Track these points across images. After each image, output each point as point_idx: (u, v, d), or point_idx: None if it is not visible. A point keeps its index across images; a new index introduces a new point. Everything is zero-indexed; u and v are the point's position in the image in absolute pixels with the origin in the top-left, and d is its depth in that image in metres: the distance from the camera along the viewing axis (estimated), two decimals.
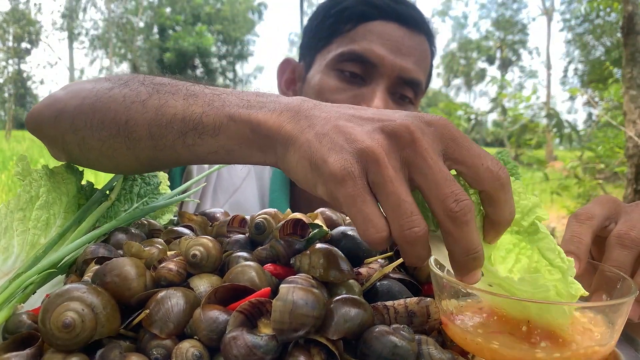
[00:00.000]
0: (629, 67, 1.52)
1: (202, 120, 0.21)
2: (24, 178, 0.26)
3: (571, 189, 2.37)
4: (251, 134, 0.19)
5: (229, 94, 0.21)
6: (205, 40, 10.70)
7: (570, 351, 0.16)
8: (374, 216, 0.16)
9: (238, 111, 0.20)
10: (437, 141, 0.16)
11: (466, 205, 0.16)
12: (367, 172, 0.16)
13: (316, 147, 0.17)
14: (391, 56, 0.41)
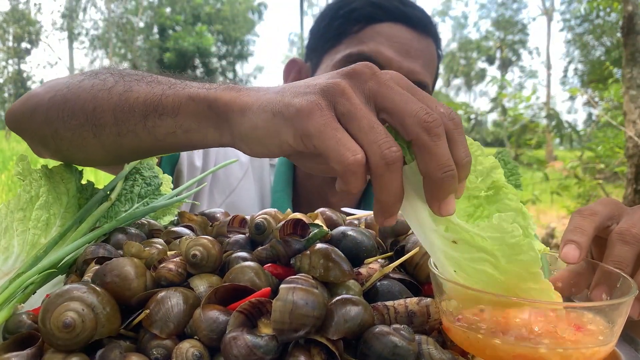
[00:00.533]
0: (629, 67, 1.52)
1: (162, 101, 0.21)
2: (24, 178, 0.26)
3: (571, 189, 2.38)
4: (208, 111, 0.20)
5: (194, 82, 0.22)
6: (205, 40, 10.70)
7: (572, 348, 0.16)
8: (347, 140, 0.16)
9: (197, 91, 0.21)
10: (366, 99, 0.17)
11: (437, 118, 0.16)
12: (335, 104, 0.17)
13: (277, 99, 0.18)
14: (399, 58, 0.41)
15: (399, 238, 0.24)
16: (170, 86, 0.22)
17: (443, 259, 0.17)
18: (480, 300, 0.17)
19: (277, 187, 0.45)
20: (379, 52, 0.41)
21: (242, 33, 12.15)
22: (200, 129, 0.21)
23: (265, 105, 0.18)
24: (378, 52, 0.41)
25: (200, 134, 0.21)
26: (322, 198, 0.44)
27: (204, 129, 0.21)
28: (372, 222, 0.27)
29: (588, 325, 0.18)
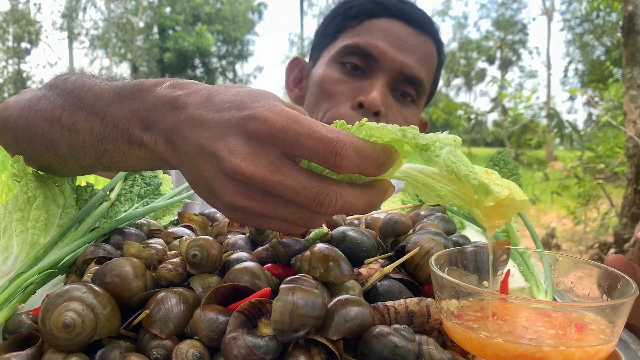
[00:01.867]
0: (629, 67, 1.52)
1: (107, 148, 0.22)
2: (20, 179, 0.26)
3: (571, 189, 2.38)
4: (151, 159, 0.21)
5: (111, 102, 0.22)
6: (205, 40, 10.70)
7: (575, 347, 0.16)
8: (283, 224, 0.18)
9: (130, 134, 0.21)
10: (271, 153, 0.17)
11: (329, 201, 0.17)
12: (245, 215, 0.18)
13: (199, 192, 0.19)
14: (393, 51, 0.41)
15: (399, 238, 0.24)
16: (105, 122, 0.22)
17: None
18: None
19: None
20: (373, 45, 0.41)
21: (242, 33, 12.16)
22: (154, 167, 0.22)
23: (192, 185, 0.20)
24: (372, 45, 0.41)
25: (157, 169, 0.23)
26: None
27: (157, 166, 0.22)
28: (372, 222, 0.27)
29: (589, 325, 0.18)
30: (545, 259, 0.24)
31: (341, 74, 0.42)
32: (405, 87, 0.43)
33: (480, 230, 0.31)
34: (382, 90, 0.41)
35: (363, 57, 0.42)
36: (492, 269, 0.20)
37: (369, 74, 0.42)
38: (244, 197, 0.17)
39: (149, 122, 0.20)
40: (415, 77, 0.43)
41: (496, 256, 0.22)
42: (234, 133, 0.17)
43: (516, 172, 0.36)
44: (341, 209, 0.17)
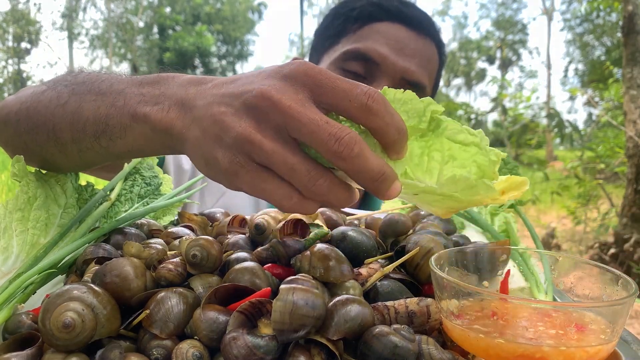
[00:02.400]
0: (629, 67, 1.52)
1: (108, 124, 0.22)
2: (21, 179, 0.26)
3: (571, 189, 2.38)
4: (152, 133, 0.21)
5: (130, 85, 0.22)
6: (205, 40, 10.70)
7: (575, 347, 0.16)
8: (277, 188, 0.17)
9: (136, 110, 0.21)
10: (300, 91, 0.17)
11: (349, 141, 0.16)
12: (251, 156, 0.17)
13: (203, 144, 0.18)
14: (394, 56, 0.41)
15: (399, 238, 0.24)
16: (114, 101, 0.22)
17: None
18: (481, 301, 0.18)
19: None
20: (373, 50, 0.41)
21: (242, 33, 12.16)
22: (151, 147, 0.22)
23: (197, 147, 0.19)
24: (373, 50, 0.41)
25: (153, 151, 0.22)
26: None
27: (154, 147, 0.22)
28: (372, 222, 0.27)
29: (590, 325, 0.18)
30: (546, 259, 0.24)
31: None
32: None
33: (480, 230, 0.31)
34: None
35: (363, 62, 0.41)
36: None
37: (370, 79, 0.42)
38: (258, 129, 0.17)
39: (162, 96, 0.20)
40: (417, 83, 0.42)
41: (496, 256, 0.22)
42: (268, 77, 0.18)
43: (516, 172, 0.36)
44: (357, 157, 0.16)
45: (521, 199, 0.35)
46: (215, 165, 0.18)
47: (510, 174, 0.35)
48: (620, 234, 1.55)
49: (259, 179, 0.17)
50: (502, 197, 0.19)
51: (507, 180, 0.19)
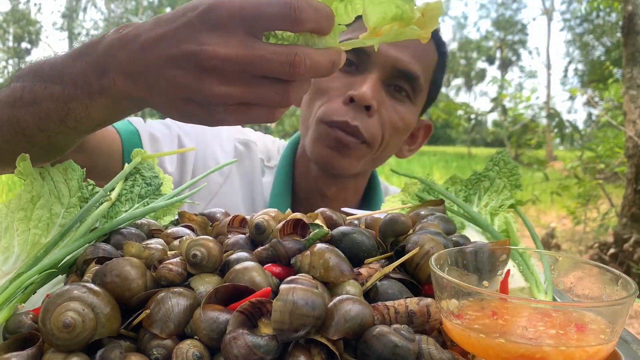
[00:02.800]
0: (629, 67, 1.52)
1: (70, 107, 0.23)
2: (25, 178, 0.26)
3: (571, 189, 2.38)
4: (113, 103, 0.22)
5: (78, 60, 0.23)
6: None
7: (575, 346, 0.16)
8: (262, 109, 0.20)
9: (92, 83, 0.22)
10: (238, 34, 0.19)
11: (299, 60, 0.19)
12: (225, 102, 0.20)
13: (173, 105, 0.21)
14: (385, 46, 0.40)
15: (399, 238, 0.24)
16: (64, 84, 0.23)
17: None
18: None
19: (276, 191, 0.45)
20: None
21: None
22: (117, 115, 0.24)
23: (166, 109, 0.21)
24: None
25: (120, 117, 0.24)
26: (320, 195, 0.44)
27: (120, 114, 0.23)
28: (372, 222, 0.27)
29: (589, 325, 0.18)
30: (545, 259, 0.24)
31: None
32: (399, 82, 0.41)
33: (480, 230, 0.31)
34: (374, 85, 0.39)
35: (355, 52, 0.41)
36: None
37: (362, 69, 0.40)
38: (222, 83, 0.19)
39: (103, 67, 0.22)
40: (410, 72, 0.40)
41: (496, 256, 0.22)
42: (198, 30, 0.19)
43: (516, 172, 0.36)
44: (311, 67, 0.19)
45: (521, 199, 0.35)
46: (194, 116, 0.21)
47: (510, 173, 0.36)
48: (620, 234, 1.55)
49: (240, 114, 0.20)
50: (424, 32, 0.20)
51: (421, 9, 0.20)
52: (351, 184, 0.46)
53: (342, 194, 0.45)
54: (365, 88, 0.39)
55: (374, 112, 0.40)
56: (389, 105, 0.41)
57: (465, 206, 0.32)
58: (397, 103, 0.42)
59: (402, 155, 0.47)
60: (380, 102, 0.40)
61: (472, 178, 0.36)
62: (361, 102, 0.39)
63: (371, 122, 0.40)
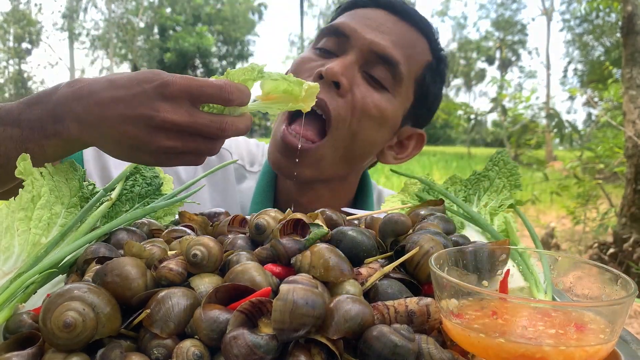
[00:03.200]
0: (628, 67, 1.52)
1: (28, 147, 0.28)
2: (26, 177, 0.26)
3: (571, 189, 2.38)
4: (65, 144, 0.28)
5: (34, 108, 0.28)
6: (205, 40, 10.71)
7: (575, 346, 0.16)
8: (193, 157, 0.28)
9: (48, 128, 0.27)
10: (183, 104, 0.26)
11: (227, 126, 0.27)
12: (169, 152, 0.27)
13: (123, 153, 0.27)
14: (365, 29, 0.38)
15: (399, 238, 0.24)
16: (23, 127, 0.28)
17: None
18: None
19: (257, 198, 0.43)
20: (345, 24, 0.39)
21: (243, 33, 12.17)
22: (69, 152, 0.29)
23: (116, 154, 0.28)
24: (345, 24, 0.39)
25: (70, 153, 0.29)
26: (295, 204, 0.42)
27: (71, 152, 0.29)
28: (372, 222, 0.27)
29: (589, 324, 0.18)
30: (545, 258, 0.24)
31: (312, 55, 0.40)
32: (376, 68, 0.38)
33: (480, 230, 0.31)
34: (346, 64, 0.37)
35: (335, 37, 0.38)
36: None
37: (341, 53, 0.38)
38: (169, 139, 0.26)
39: (58, 115, 0.27)
40: (387, 56, 0.37)
41: (495, 256, 0.22)
42: (153, 99, 0.25)
43: (515, 172, 0.36)
44: (235, 131, 0.27)
45: (520, 199, 0.35)
46: (138, 159, 0.28)
47: (510, 173, 0.36)
48: (620, 233, 1.55)
49: (176, 159, 0.27)
50: (306, 105, 0.28)
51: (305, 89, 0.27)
52: (325, 191, 0.42)
53: (317, 203, 0.40)
54: (334, 64, 0.37)
55: (345, 92, 0.37)
56: (364, 89, 0.38)
57: (464, 206, 0.32)
58: (374, 91, 0.38)
59: (386, 160, 0.43)
60: (353, 83, 0.37)
61: (472, 178, 0.36)
62: (329, 77, 0.36)
63: (341, 101, 0.37)
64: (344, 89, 0.37)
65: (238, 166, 0.46)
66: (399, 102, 0.40)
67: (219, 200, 0.44)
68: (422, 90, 0.41)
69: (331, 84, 0.37)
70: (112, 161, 0.41)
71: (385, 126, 0.40)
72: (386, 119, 0.39)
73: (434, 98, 0.43)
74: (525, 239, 0.36)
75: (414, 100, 0.41)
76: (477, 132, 8.66)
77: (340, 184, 0.43)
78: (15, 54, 9.80)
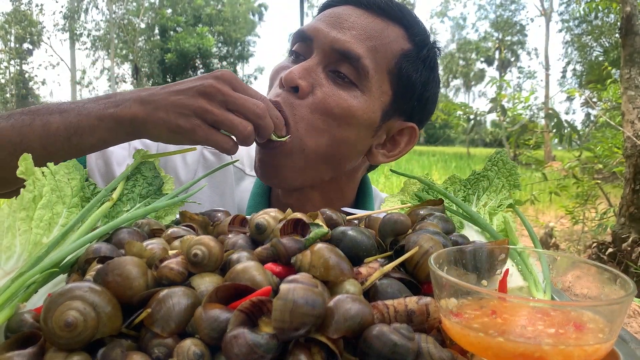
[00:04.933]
0: (627, 68, 1.52)
1: (79, 126, 0.32)
2: (27, 177, 0.26)
3: (570, 189, 2.38)
4: (117, 126, 0.32)
5: (88, 102, 0.34)
6: (206, 41, 10.72)
7: (574, 345, 0.16)
8: (223, 138, 0.32)
9: (103, 112, 0.32)
10: (228, 85, 0.32)
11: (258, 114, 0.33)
12: (205, 118, 0.31)
13: (167, 119, 0.31)
14: (327, 29, 0.37)
15: (399, 237, 0.24)
16: (79, 111, 0.32)
17: None
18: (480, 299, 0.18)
19: (252, 202, 0.43)
20: (310, 27, 0.39)
21: (243, 34, 12.17)
22: (115, 138, 0.33)
23: (161, 122, 0.31)
24: (309, 27, 0.39)
25: (117, 141, 0.33)
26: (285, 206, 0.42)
27: (118, 138, 0.33)
28: (371, 221, 0.27)
29: (588, 324, 0.18)
30: (544, 258, 0.24)
31: (287, 62, 0.40)
32: (342, 66, 0.37)
33: (479, 230, 0.32)
34: (308, 67, 0.36)
35: (302, 40, 0.38)
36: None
37: (308, 56, 0.38)
38: (209, 103, 0.31)
39: (123, 99, 0.32)
40: (347, 51, 0.36)
41: (495, 255, 0.22)
42: (204, 78, 0.32)
43: (514, 172, 0.36)
44: (266, 128, 0.33)
45: (519, 199, 0.35)
46: (177, 130, 0.31)
47: (509, 173, 0.36)
48: (618, 233, 1.55)
49: (210, 133, 0.31)
50: None
51: None
52: (315, 195, 0.41)
53: (311, 208, 0.39)
54: (292, 68, 0.36)
55: (304, 94, 0.36)
56: (328, 89, 0.36)
57: (464, 206, 0.32)
58: (340, 89, 0.37)
59: (376, 160, 0.41)
60: (316, 85, 0.36)
61: (471, 178, 0.36)
62: (287, 83, 0.36)
63: (297, 103, 0.36)
64: (302, 92, 0.36)
65: (237, 169, 0.46)
66: (371, 98, 0.37)
67: (217, 201, 0.44)
68: (401, 81, 0.38)
69: (290, 89, 0.37)
70: (114, 159, 0.42)
71: (355, 124, 0.37)
72: (354, 116, 0.37)
73: (423, 87, 0.39)
74: (525, 238, 0.36)
75: (393, 93, 0.38)
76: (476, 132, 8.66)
77: (330, 188, 0.41)
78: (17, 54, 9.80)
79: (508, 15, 11.80)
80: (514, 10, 11.75)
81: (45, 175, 0.27)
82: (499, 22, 11.82)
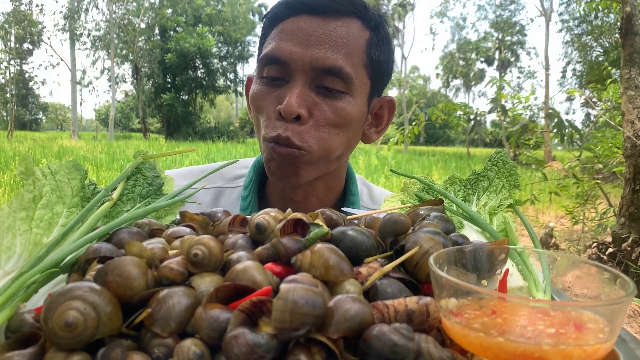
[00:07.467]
0: (627, 68, 1.53)
1: None
2: (27, 177, 0.26)
3: (570, 189, 2.38)
4: None
5: None
6: (206, 41, 10.71)
7: (574, 345, 0.16)
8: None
9: None
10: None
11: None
12: None
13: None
14: (300, 50, 0.38)
15: (399, 237, 0.24)
16: None
17: None
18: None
19: (243, 209, 0.45)
20: (279, 50, 0.39)
21: (243, 34, 12.18)
22: None
23: None
24: (279, 50, 0.39)
25: None
26: (292, 202, 0.44)
27: None
28: (371, 221, 0.27)
29: (588, 324, 0.18)
30: (544, 258, 0.24)
31: (265, 86, 0.40)
32: (326, 82, 0.38)
33: (479, 230, 0.32)
34: (299, 94, 0.38)
35: (276, 65, 0.39)
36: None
37: (288, 79, 0.39)
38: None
39: None
40: (332, 68, 0.37)
41: (495, 255, 0.22)
42: None
43: (514, 172, 0.36)
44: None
45: (519, 199, 0.35)
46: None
47: (509, 173, 0.36)
48: (618, 233, 1.55)
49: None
50: None
51: None
52: (319, 185, 0.44)
53: (312, 197, 0.44)
54: (289, 99, 0.38)
55: (306, 120, 0.38)
56: (324, 105, 0.39)
57: (464, 206, 0.32)
58: (332, 101, 0.39)
59: (369, 139, 0.44)
60: (312, 107, 0.38)
61: (471, 178, 0.36)
62: (289, 115, 0.37)
63: (303, 129, 0.38)
64: (304, 119, 0.39)
65: (214, 190, 0.47)
66: (359, 96, 0.40)
67: (215, 203, 0.47)
68: (374, 67, 0.41)
69: (292, 119, 0.38)
70: None
71: (353, 124, 0.41)
72: (353, 119, 0.40)
73: (387, 62, 0.42)
74: (525, 238, 0.36)
75: (370, 81, 0.41)
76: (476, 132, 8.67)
77: (331, 177, 0.46)
78: (17, 54, 9.80)
79: (508, 15, 11.82)
80: (514, 10, 11.78)
81: (45, 175, 0.27)
82: (498, 22, 11.83)
